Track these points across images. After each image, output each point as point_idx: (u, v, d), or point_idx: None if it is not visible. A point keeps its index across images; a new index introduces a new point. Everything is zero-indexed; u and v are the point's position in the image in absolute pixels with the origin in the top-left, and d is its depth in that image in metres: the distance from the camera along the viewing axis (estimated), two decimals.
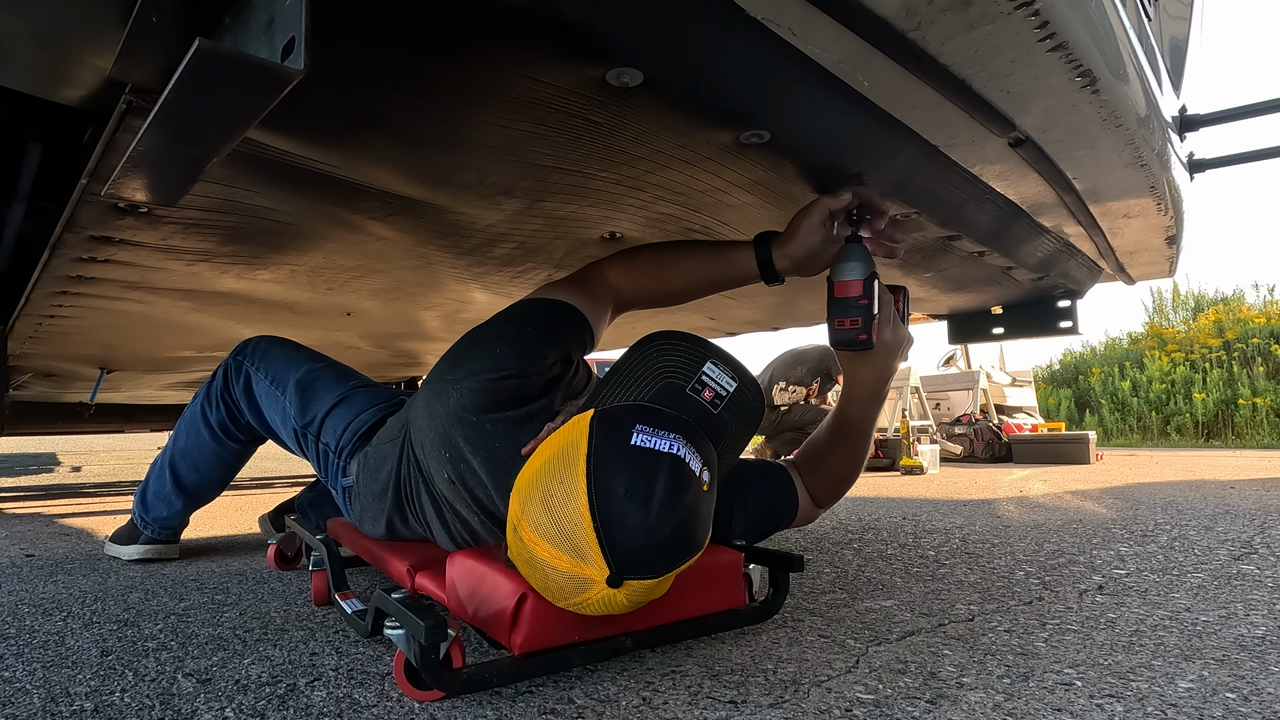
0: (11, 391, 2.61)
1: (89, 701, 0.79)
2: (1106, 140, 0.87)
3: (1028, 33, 0.64)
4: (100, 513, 2.48)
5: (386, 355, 2.52)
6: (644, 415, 0.76)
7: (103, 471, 4.55)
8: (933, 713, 0.74)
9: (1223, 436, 6.98)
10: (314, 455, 1.29)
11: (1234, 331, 7.94)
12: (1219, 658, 0.89)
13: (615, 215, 1.09)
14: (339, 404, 1.28)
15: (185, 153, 0.65)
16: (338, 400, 1.28)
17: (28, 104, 1.06)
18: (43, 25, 0.59)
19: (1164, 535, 1.74)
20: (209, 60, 0.50)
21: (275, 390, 1.35)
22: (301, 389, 1.31)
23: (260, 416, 1.41)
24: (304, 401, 1.30)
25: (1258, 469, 3.61)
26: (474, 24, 0.60)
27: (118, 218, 0.98)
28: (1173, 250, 1.40)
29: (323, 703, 0.78)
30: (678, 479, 0.72)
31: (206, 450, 1.49)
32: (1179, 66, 1.29)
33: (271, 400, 1.36)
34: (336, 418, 1.26)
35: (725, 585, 0.98)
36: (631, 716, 0.74)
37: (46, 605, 1.21)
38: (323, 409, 1.28)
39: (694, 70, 0.68)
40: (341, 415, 1.26)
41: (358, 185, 0.93)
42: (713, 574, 0.96)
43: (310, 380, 1.32)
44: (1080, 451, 4.34)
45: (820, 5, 0.60)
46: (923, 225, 1.15)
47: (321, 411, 1.28)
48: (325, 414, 1.28)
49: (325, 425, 1.27)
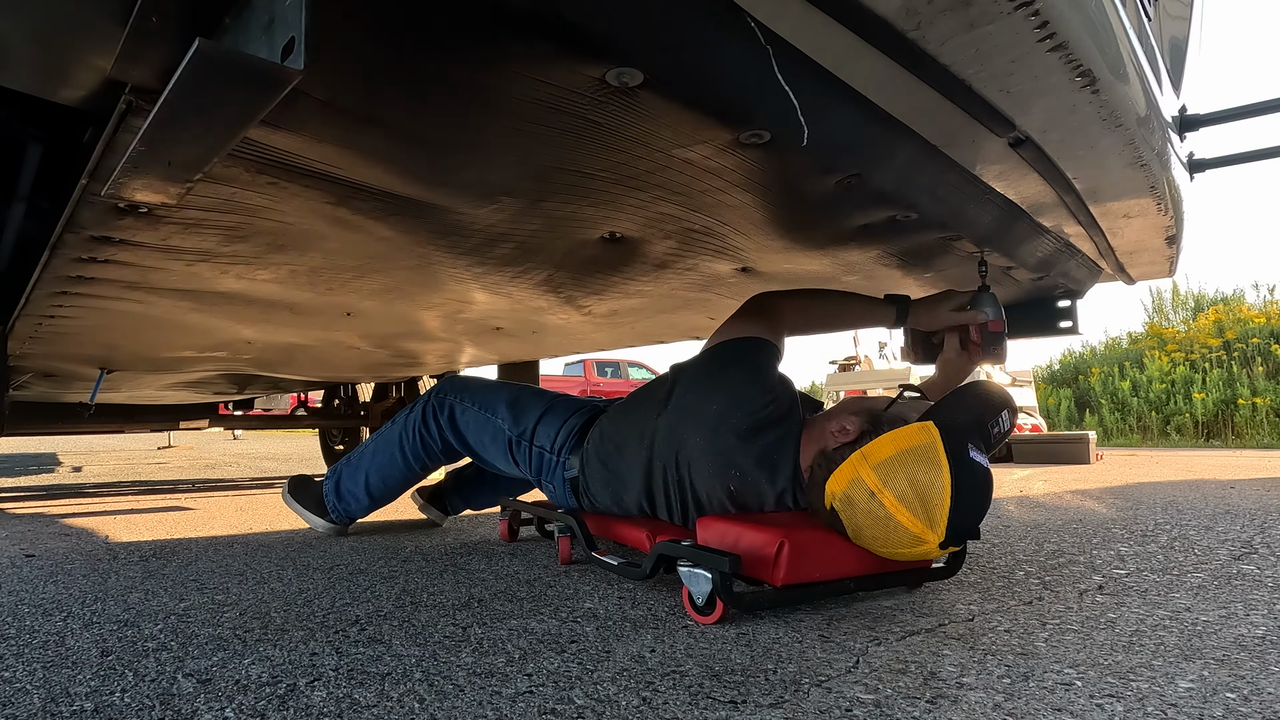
0: (11, 392, 2.61)
1: (89, 702, 0.79)
2: (1106, 140, 0.87)
3: (1028, 33, 0.64)
4: (100, 513, 2.48)
5: (386, 355, 2.52)
6: (974, 437, 1.07)
7: (103, 472, 4.55)
8: (933, 713, 0.74)
9: (1223, 436, 6.99)
10: (526, 458, 1.60)
11: (1234, 331, 7.94)
12: (1219, 658, 0.89)
13: (615, 215, 1.09)
14: (546, 414, 1.60)
15: (185, 153, 0.65)
16: (544, 411, 1.60)
17: (28, 104, 1.06)
18: (43, 25, 0.59)
19: (1164, 535, 1.74)
20: (209, 60, 0.50)
21: (485, 414, 1.69)
22: (511, 406, 1.65)
23: (463, 440, 1.74)
24: (515, 416, 1.63)
25: (1258, 469, 3.61)
26: (474, 23, 0.60)
27: (118, 218, 0.98)
28: (1173, 250, 1.40)
29: (323, 703, 0.78)
30: (989, 486, 1.07)
31: (398, 471, 1.83)
32: (1179, 66, 1.28)
33: (481, 424, 1.69)
34: (547, 424, 1.57)
35: None
36: (631, 716, 0.74)
37: (46, 605, 1.21)
38: (533, 419, 1.60)
39: (694, 70, 0.68)
40: (551, 423, 1.57)
41: (358, 185, 0.93)
42: None
43: (516, 398, 1.66)
44: (1080, 451, 4.33)
45: (820, 5, 0.60)
46: (923, 225, 1.15)
47: (532, 422, 1.60)
48: (536, 423, 1.59)
49: (539, 431, 1.58)
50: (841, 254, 1.33)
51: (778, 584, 1.07)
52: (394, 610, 1.15)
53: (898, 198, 1.03)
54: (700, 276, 1.50)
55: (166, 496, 2.98)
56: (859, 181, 0.96)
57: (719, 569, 1.03)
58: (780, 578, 1.07)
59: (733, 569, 1.02)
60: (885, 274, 1.48)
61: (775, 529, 1.09)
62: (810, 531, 1.11)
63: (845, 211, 1.09)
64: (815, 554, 1.09)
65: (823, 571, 1.10)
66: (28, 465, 5.13)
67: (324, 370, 2.93)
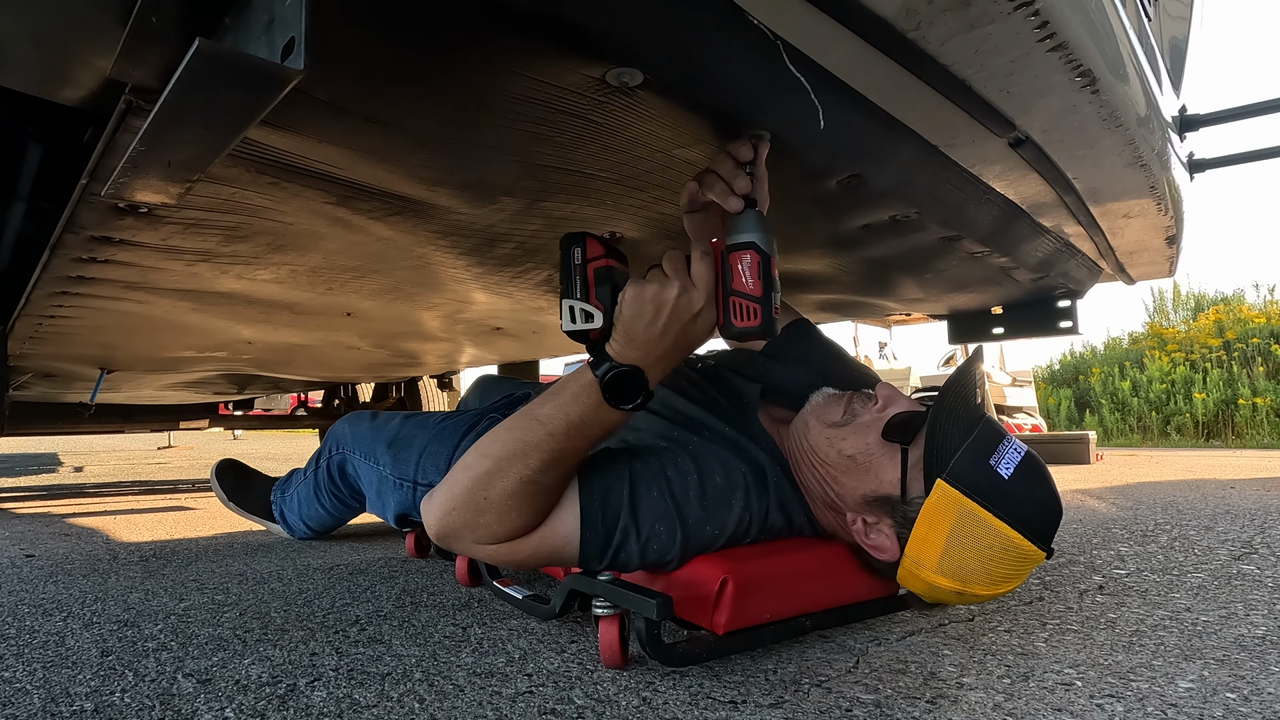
0: (11, 392, 2.61)
1: (89, 702, 0.79)
2: (1106, 140, 0.87)
3: (1028, 33, 0.64)
4: (100, 513, 2.48)
5: (386, 355, 2.52)
6: (983, 446, 0.86)
7: (103, 472, 4.55)
8: (933, 713, 0.74)
9: (1223, 436, 6.98)
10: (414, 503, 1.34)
11: (1234, 331, 7.94)
12: (1219, 658, 0.89)
13: (615, 215, 1.09)
14: (430, 445, 1.35)
15: (185, 153, 0.65)
16: (428, 442, 1.35)
17: (28, 104, 1.06)
18: (43, 25, 0.59)
19: (1164, 535, 1.74)
20: (209, 60, 0.50)
21: (369, 463, 1.45)
22: (391, 446, 1.40)
23: (363, 498, 1.55)
24: (395, 456, 1.38)
25: (1258, 469, 3.61)
26: (474, 23, 0.60)
27: (118, 218, 0.98)
28: (1173, 250, 1.40)
29: (323, 703, 0.78)
30: (1038, 465, 0.89)
31: (328, 519, 1.73)
32: (1179, 66, 1.28)
33: (369, 475, 1.46)
34: (432, 457, 1.33)
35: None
36: (631, 716, 0.74)
37: (47, 605, 1.21)
38: (414, 456, 1.35)
39: (694, 70, 0.68)
40: (438, 453, 1.32)
41: (358, 185, 0.93)
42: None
43: (396, 436, 1.41)
44: (1080, 452, 4.33)
45: (820, 5, 0.60)
46: (923, 225, 1.15)
47: (414, 459, 1.34)
48: (419, 459, 1.34)
49: (421, 467, 1.33)
50: (841, 254, 1.33)
51: (719, 630, 0.86)
52: (394, 610, 1.15)
53: (898, 198, 1.03)
54: None
55: (166, 496, 2.98)
56: (859, 182, 0.96)
57: (644, 614, 0.81)
58: (723, 623, 0.86)
59: (661, 613, 0.80)
60: (885, 274, 1.48)
61: (717, 559, 0.90)
62: (761, 562, 0.92)
63: (845, 212, 1.09)
64: (767, 590, 0.90)
65: (775, 610, 0.90)
66: (28, 465, 5.13)
67: (324, 370, 2.93)
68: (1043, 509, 0.87)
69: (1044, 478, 0.89)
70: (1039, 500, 0.87)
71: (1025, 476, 0.86)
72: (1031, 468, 0.88)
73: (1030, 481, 0.86)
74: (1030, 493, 0.86)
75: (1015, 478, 0.85)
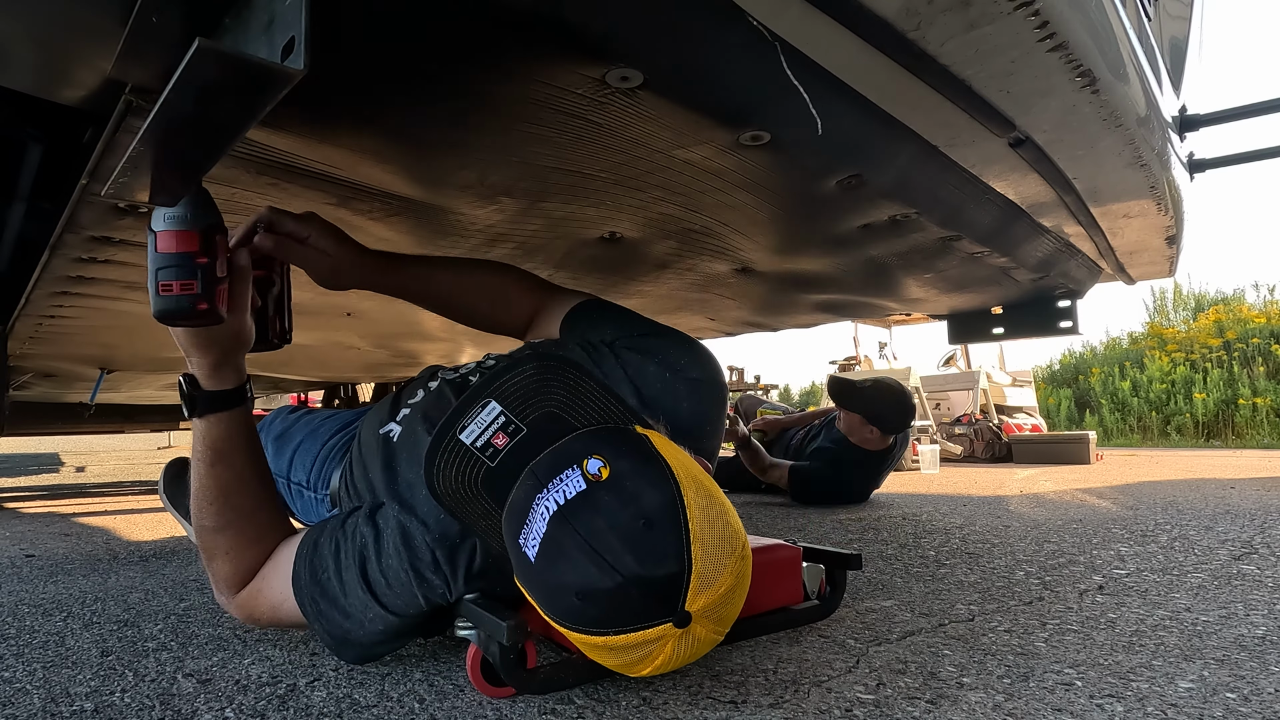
0: (11, 392, 2.61)
1: (89, 702, 0.79)
2: (1106, 140, 0.87)
3: (1028, 33, 0.64)
4: (101, 513, 2.48)
5: (386, 355, 2.52)
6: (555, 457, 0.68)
7: (103, 472, 4.54)
8: (933, 713, 0.74)
9: (1223, 436, 6.98)
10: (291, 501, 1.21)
11: (1234, 331, 7.93)
12: (1219, 658, 0.89)
13: (615, 215, 1.09)
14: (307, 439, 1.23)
15: (185, 153, 0.65)
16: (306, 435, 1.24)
17: (28, 104, 1.06)
18: (43, 25, 0.59)
19: (1164, 535, 1.74)
20: (209, 60, 0.50)
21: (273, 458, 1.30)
22: (276, 440, 1.28)
23: None
24: (276, 450, 1.25)
25: (1258, 469, 3.61)
26: (474, 24, 0.60)
27: (118, 218, 0.98)
28: (1173, 250, 1.40)
29: (323, 703, 0.78)
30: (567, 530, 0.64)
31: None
32: (1179, 66, 1.29)
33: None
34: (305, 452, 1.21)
35: (783, 581, 0.99)
36: (631, 716, 0.74)
37: (47, 605, 1.21)
38: (291, 449, 1.23)
39: (694, 71, 0.68)
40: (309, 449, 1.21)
41: (358, 185, 0.93)
42: (767, 571, 0.96)
43: (282, 431, 1.30)
44: (1080, 451, 4.33)
45: (820, 5, 0.60)
46: (923, 225, 1.15)
47: (290, 452, 1.23)
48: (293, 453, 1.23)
49: (295, 464, 1.21)
50: (841, 254, 1.33)
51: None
52: None
53: (898, 198, 1.03)
54: (700, 276, 1.50)
55: None
56: (859, 182, 0.96)
57: (496, 638, 0.73)
58: None
59: (512, 637, 0.71)
60: (885, 274, 1.48)
61: None
62: None
63: (845, 212, 1.09)
64: None
65: None
66: (28, 465, 5.12)
67: (323, 370, 2.93)
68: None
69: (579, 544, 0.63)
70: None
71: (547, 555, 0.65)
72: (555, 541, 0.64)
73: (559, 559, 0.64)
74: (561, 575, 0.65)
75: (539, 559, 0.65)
